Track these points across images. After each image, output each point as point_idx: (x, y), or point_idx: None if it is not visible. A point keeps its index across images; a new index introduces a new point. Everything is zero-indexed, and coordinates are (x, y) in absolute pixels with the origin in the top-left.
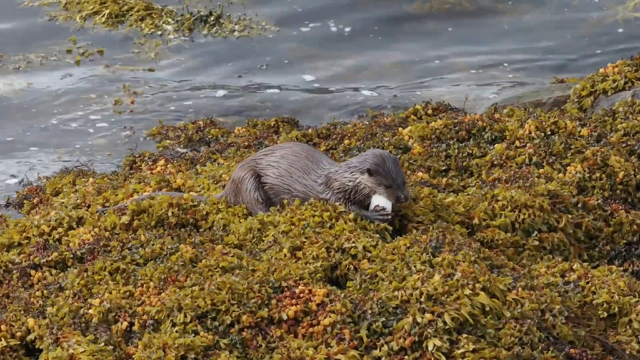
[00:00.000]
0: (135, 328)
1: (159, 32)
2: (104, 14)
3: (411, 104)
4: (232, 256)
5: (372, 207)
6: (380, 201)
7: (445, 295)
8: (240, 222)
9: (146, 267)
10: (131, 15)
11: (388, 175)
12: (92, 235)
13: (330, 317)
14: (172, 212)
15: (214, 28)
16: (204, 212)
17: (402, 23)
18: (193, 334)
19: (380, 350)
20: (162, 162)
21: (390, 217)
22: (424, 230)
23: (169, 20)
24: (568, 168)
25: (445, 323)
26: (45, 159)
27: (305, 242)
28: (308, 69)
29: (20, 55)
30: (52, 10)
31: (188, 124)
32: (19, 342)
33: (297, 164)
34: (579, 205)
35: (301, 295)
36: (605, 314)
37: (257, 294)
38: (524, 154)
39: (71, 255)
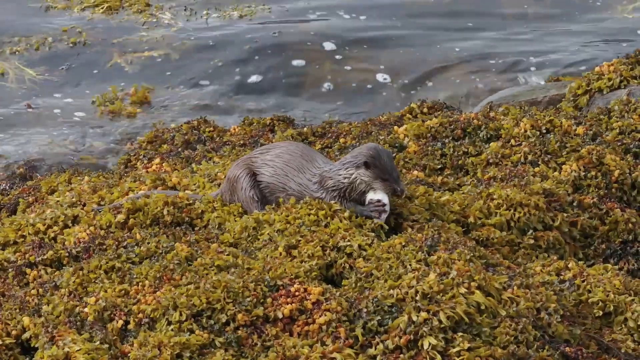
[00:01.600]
0: (130, 326)
1: (156, 21)
2: (104, 7)
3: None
4: (227, 255)
5: (367, 203)
6: (377, 197)
7: (441, 294)
8: (235, 221)
9: (142, 265)
10: (130, 8)
11: (384, 168)
12: (87, 234)
13: (325, 315)
14: (168, 211)
15: (214, 14)
16: (200, 211)
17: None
18: (188, 333)
19: (375, 349)
20: (157, 160)
21: (386, 207)
22: (420, 228)
23: (167, 13)
24: (563, 166)
25: (440, 322)
26: (40, 153)
27: (300, 240)
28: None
29: (20, 39)
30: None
31: (183, 124)
32: (14, 341)
33: (293, 162)
34: (575, 203)
35: (296, 293)
36: (601, 313)
37: (253, 293)
38: (520, 153)
39: (67, 254)
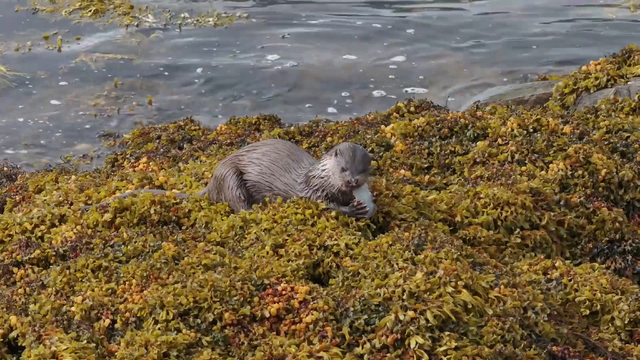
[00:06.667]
0: (117, 325)
1: (137, 24)
2: (90, 10)
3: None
4: (214, 254)
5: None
6: (364, 197)
7: (428, 293)
8: (222, 220)
9: (128, 264)
10: (115, 11)
11: (348, 159)
12: (74, 233)
13: (312, 314)
14: (155, 210)
15: (190, 19)
16: (187, 210)
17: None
18: (175, 332)
19: (362, 348)
20: (144, 159)
21: (366, 209)
22: (407, 227)
23: (149, 15)
24: (550, 165)
25: (427, 320)
26: (26, 154)
27: (287, 239)
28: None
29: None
30: (38, 2)
31: (169, 124)
32: (1, 340)
33: (279, 161)
34: (562, 202)
35: (283, 292)
36: (588, 312)
37: (240, 292)
38: (507, 152)
39: (53, 253)
